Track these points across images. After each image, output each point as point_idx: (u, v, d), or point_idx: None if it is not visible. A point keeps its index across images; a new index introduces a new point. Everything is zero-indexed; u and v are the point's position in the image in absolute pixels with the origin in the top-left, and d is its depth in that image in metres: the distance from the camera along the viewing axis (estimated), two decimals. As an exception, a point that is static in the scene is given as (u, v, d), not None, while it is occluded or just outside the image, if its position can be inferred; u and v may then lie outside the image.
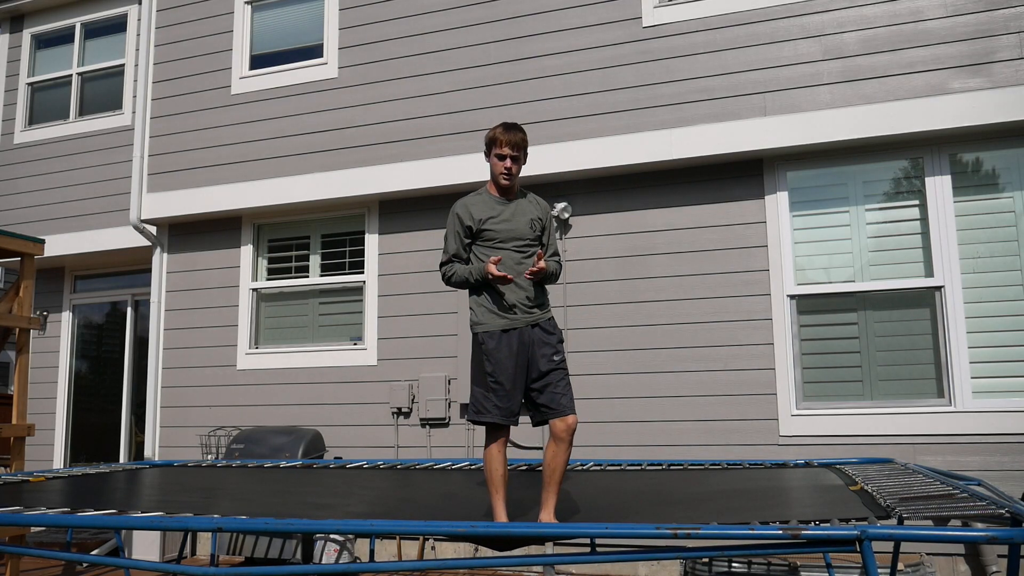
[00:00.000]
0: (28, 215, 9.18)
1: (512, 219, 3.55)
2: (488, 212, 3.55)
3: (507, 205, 3.58)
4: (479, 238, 3.55)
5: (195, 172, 8.02)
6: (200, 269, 8.08)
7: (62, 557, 3.85)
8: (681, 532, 2.69)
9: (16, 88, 9.64)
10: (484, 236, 3.53)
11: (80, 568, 7.00)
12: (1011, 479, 5.48)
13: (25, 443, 6.09)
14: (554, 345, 3.49)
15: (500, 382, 3.40)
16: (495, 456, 3.40)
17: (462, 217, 3.57)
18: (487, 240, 3.53)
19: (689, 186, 6.58)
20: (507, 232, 3.53)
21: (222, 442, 7.44)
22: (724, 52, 6.48)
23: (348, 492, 4.49)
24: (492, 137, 3.53)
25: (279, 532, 5.39)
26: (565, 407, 3.41)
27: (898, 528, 2.74)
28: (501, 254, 3.51)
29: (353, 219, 7.66)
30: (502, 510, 3.39)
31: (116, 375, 9.36)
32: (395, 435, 7.10)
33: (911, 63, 6.03)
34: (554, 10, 6.97)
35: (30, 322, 6.16)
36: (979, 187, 6.00)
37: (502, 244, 3.52)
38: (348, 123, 7.52)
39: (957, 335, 5.81)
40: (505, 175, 3.53)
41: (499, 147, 3.51)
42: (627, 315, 6.58)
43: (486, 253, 3.53)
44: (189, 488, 4.73)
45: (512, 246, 3.52)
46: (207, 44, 8.23)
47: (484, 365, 3.45)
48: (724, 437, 6.18)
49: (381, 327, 7.32)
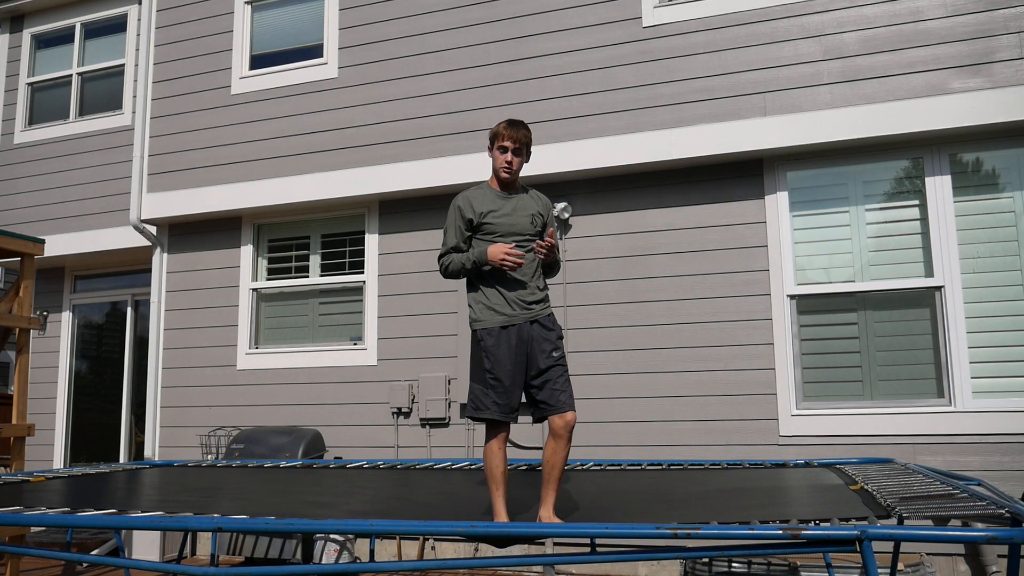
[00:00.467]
0: (28, 215, 9.18)
1: (513, 214, 3.55)
2: (489, 206, 3.55)
3: (508, 200, 3.59)
4: (479, 231, 3.55)
5: (195, 172, 8.03)
6: (200, 269, 8.08)
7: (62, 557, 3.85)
8: (681, 532, 2.69)
9: (16, 88, 9.64)
10: (484, 229, 3.54)
11: (80, 568, 7.00)
12: (1011, 479, 5.48)
13: (25, 443, 6.09)
14: (553, 341, 3.49)
15: (499, 378, 3.40)
16: (495, 453, 3.40)
17: (463, 209, 3.57)
18: (487, 234, 3.54)
19: (689, 186, 6.58)
20: (507, 227, 3.53)
21: (222, 442, 7.44)
22: (724, 52, 6.48)
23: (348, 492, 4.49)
24: (495, 132, 3.56)
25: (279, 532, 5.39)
26: (564, 404, 3.41)
27: (898, 528, 2.73)
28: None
29: (353, 219, 7.66)
30: (502, 507, 3.40)
31: (116, 375, 9.36)
32: (395, 435, 7.10)
33: (911, 63, 6.03)
34: (554, 10, 6.97)
35: (30, 322, 6.16)
36: (979, 187, 6.00)
37: (501, 239, 3.52)
38: (348, 123, 7.52)
39: (957, 335, 5.81)
40: (506, 169, 3.54)
41: (502, 140, 3.53)
42: (627, 315, 6.58)
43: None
44: (189, 488, 4.73)
45: (512, 241, 3.53)
46: (207, 44, 8.23)
47: (483, 362, 3.45)
48: (724, 437, 6.18)
49: (381, 327, 7.32)
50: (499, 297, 3.49)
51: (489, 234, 3.53)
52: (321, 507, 3.86)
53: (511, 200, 3.59)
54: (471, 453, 6.81)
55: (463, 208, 3.57)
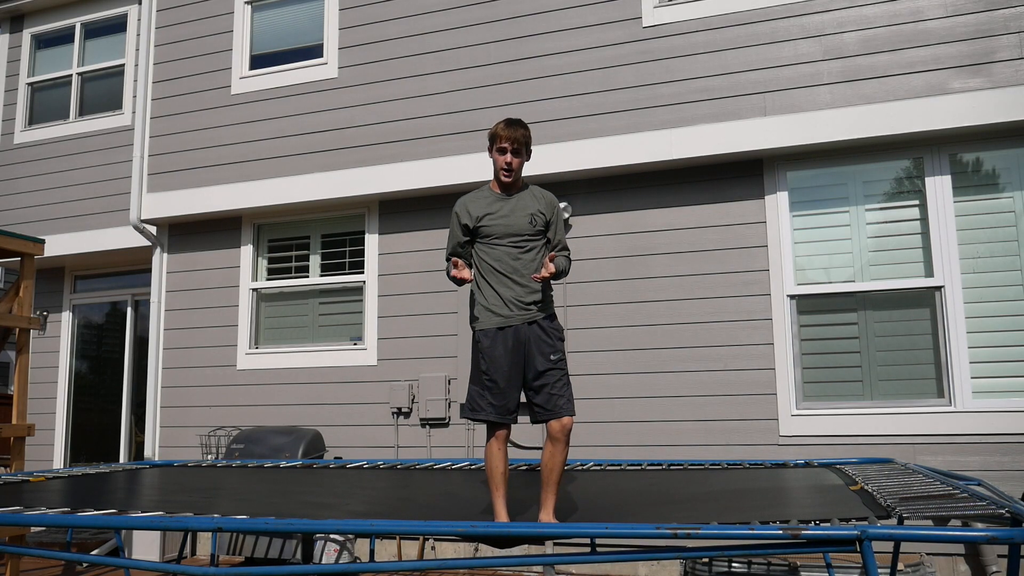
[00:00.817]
0: (28, 215, 9.18)
1: (510, 215, 3.54)
2: (485, 209, 3.55)
3: (506, 201, 3.58)
4: (477, 235, 3.56)
5: (195, 172, 8.03)
6: (200, 269, 8.08)
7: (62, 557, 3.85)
8: (681, 532, 2.69)
9: (16, 88, 9.64)
10: (481, 233, 3.55)
11: (80, 568, 7.00)
12: (1011, 479, 5.48)
13: (25, 443, 6.09)
14: (552, 344, 3.46)
15: (494, 380, 3.39)
16: (494, 453, 3.39)
17: (460, 215, 3.60)
18: (484, 237, 3.54)
19: (689, 186, 6.58)
20: (503, 229, 3.53)
21: (222, 442, 7.44)
22: (724, 52, 6.48)
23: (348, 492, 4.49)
24: (493, 133, 3.54)
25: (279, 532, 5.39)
26: (561, 408, 3.39)
27: (898, 528, 2.73)
28: (498, 251, 3.52)
29: (353, 219, 7.66)
30: (502, 507, 3.39)
31: (116, 375, 9.36)
32: (395, 435, 7.10)
33: (911, 63, 6.03)
34: (554, 10, 6.97)
35: (30, 322, 6.16)
36: (979, 187, 6.00)
37: (498, 241, 3.52)
38: (348, 123, 7.52)
39: (957, 335, 5.81)
40: (505, 171, 3.53)
41: (499, 141, 3.51)
42: (627, 315, 6.58)
43: (484, 250, 3.55)
44: (189, 488, 4.73)
45: (508, 242, 3.52)
46: (207, 44, 8.23)
47: (479, 363, 3.45)
48: (724, 437, 6.18)
49: (381, 327, 7.32)
50: (496, 298, 3.48)
51: (487, 236, 3.53)
52: (321, 507, 3.86)
53: (510, 201, 3.58)
54: (471, 453, 6.81)
55: (460, 214, 3.60)
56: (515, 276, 3.49)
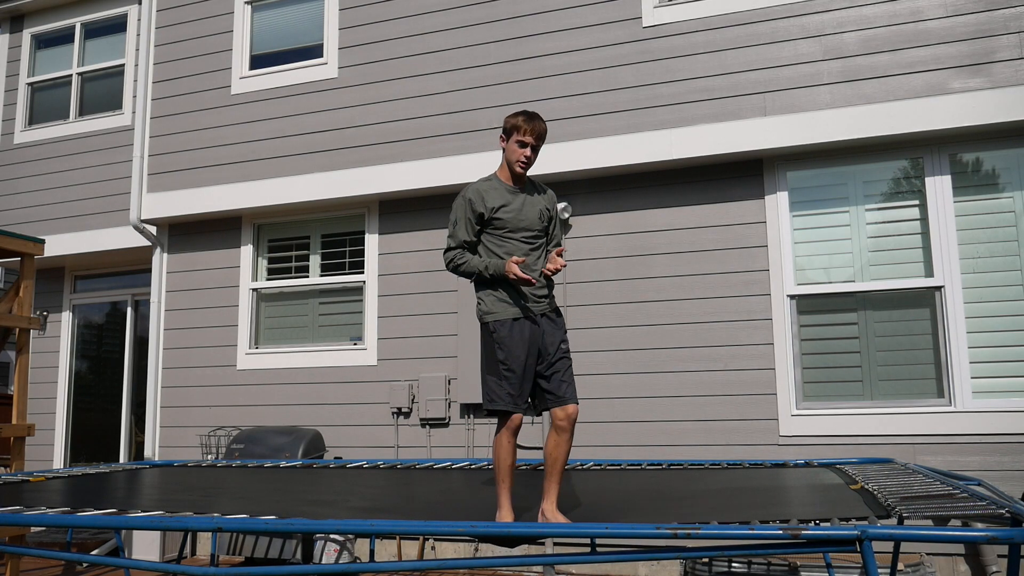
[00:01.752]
0: (28, 215, 9.19)
1: (523, 209, 3.51)
2: (500, 200, 3.49)
3: (518, 194, 3.54)
4: (488, 226, 3.50)
5: (195, 172, 8.03)
6: (200, 269, 8.08)
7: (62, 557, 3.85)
8: (681, 532, 2.69)
9: (16, 88, 9.64)
10: (494, 225, 3.49)
11: (80, 568, 7.00)
12: (1011, 479, 5.49)
13: (25, 443, 6.09)
14: (562, 334, 3.52)
15: (512, 369, 3.40)
16: (504, 446, 3.39)
17: (474, 203, 3.50)
18: (496, 229, 3.49)
19: (689, 186, 6.58)
20: (517, 222, 3.49)
21: (222, 442, 7.44)
22: (724, 52, 6.48)
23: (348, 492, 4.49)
24: (515, 124, 3.46)
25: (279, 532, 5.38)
26: (567, 396, 3.42)
27: (898, 528, 2.73)
28: (510, 245, 3.48)
29: (353, 219, 7.66)
30: (507, 501, 3.40)
31: (116, 375, 9.36)
32: (395, 435, 7.10)
33: (911, 63, 6.03)
34: (554, 10, 6.98)
35: (30, 322, 6.16)
36: (979, 187, 6.00)
37: (511, 234, 3.49)
38: (348, 123, 7.52)
39: (957, 335, 5.81)
40: (523, 163, 3.49)
41: (521, 135, 3.45)
42: (627, 315, 6.58)
43: (495, 243, 3.49)
44: (189, 488, 4.73)
45: (521, 236, 3.50)
46: (207, 44, 8.23)
47: (496, 353, 3.43)
48: (724, 437, 6.18)
49: (381, 327, 7.32)
50: (511, 290, 3.48)
51: (499, 229, 3.49)
52: (321, 507, 3.86)
53: (520, 195, 3.54)
54: (471, 453, 6.81)
55: (474, 201, 3.49)
56: (527, 270, 3.48)
